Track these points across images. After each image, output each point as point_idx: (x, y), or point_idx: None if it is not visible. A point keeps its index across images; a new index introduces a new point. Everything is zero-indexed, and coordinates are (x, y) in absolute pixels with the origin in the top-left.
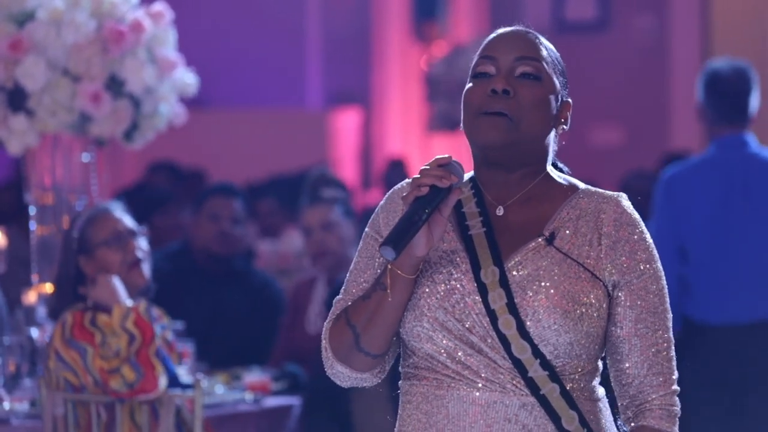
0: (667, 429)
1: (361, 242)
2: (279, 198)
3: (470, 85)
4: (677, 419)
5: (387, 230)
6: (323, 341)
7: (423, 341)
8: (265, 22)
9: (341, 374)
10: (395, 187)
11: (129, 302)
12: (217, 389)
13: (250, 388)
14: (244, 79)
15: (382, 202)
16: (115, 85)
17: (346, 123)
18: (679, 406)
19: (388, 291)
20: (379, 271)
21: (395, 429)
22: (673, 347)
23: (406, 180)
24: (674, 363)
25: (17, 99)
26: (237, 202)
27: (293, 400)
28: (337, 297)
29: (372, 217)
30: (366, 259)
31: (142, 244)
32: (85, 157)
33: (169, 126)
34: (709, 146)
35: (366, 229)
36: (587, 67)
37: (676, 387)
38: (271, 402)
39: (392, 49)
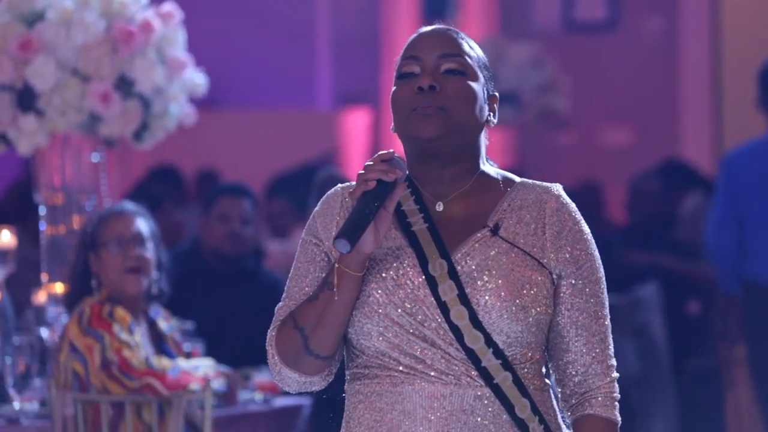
0: (611, 416)
1: (298, 249)
2: (288, 197)
3: (396, 87)
4: (618, 404)
5: (325, 233)
6: (269, 348)
7: (374, 338)
8: (275, 23)
9: (289, 379)
10: (329, 193)
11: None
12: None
13: (259, 388)
14: (254, 79)
15: (317, 208)
16: (124, 85)
17: (356, 123)
18: (619, 392)
19: (335, 290)
20: (320, 275)
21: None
22: (610, 336)
23: (340, 185)
24: (612, 351)
25: (27, 99)
26: (246, 202)
27: (303, 401)
28: (279, 304)
29: (308, 223)
30: (306, 264)
31: (149, 252)
32: (95, 157)
33: (179, 126)
34: (766, 131)
35: (303, 236)
36: (597, 67)
37: (616, 374)
38: (281, 402)
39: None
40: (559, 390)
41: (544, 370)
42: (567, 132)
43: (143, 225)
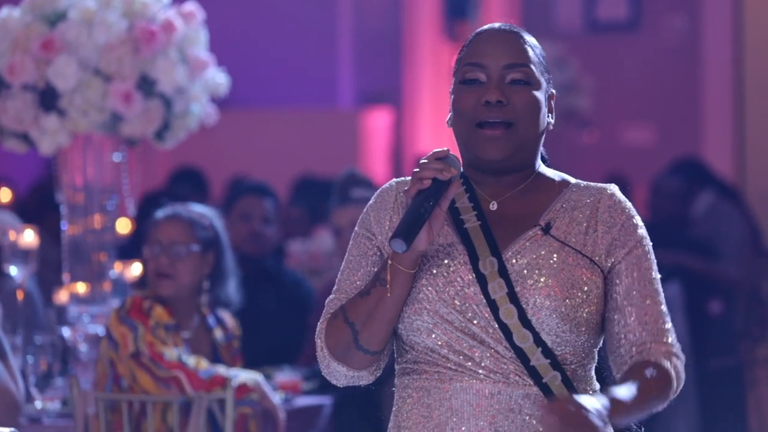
0: (667, 366)
1: (351, 241)
2: (309, 202)
3: (459, 93)
4: (679, 363)
5: (378, 227)
6: (318, 341)
7: (423, 335)
8: (296, 22)
9: (338, 373)
10: (383, 186)
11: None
12: None
13: (281, 387)
14: (275, 79)
15: (371, 202)
16: (146, 85)
17: (378, 123)
18: (681, 369)
19: (387, 287)
20: (372, 269)
21: (390, 426)
22: (669, 319)
23: (395, 179)
24: (674, 333)
25: (49, 99)
26: (268, 202)
27: (324, 400)
28: (330, 297)
29: (361, 216)
30: (358, 258)
31: (187, 258)
32: (117, 157)
33: (200, 126)
34: None
35: (356, 229)
36: (619, 66)
37: (679, 353)
38: (302, 401)
39: (423, 48)
40: (616, 372)
41: (593, 371)
42: (589, 131)
43: (190, 232)
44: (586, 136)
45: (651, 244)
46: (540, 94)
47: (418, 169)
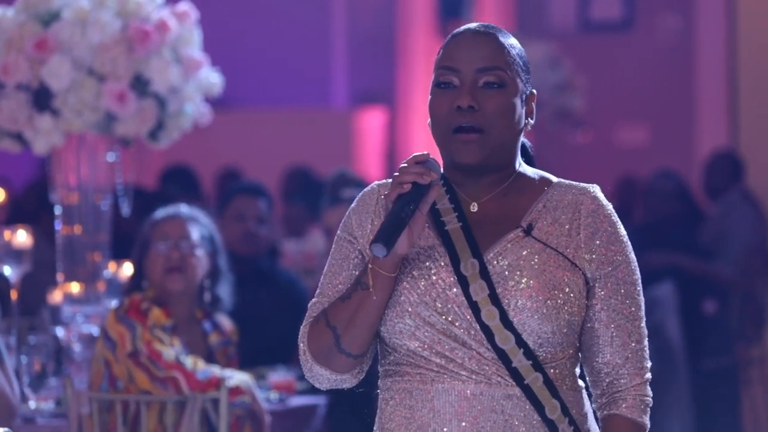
0: (638, 419)
1: (333, 245)
2: (306, 201)
3: (434, 96)
4: (649, 409)
5: (360, 231)
6: (301, 344)
7: (405, 338)
8: (291, 22)
9: (320, 376)
10: (365, 190)
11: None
12: None
13: (275, 387)
14: (269, 78)
15: (353, 205)
16: (140, 85)
17: (371, 122)
18: (651, 396)
19: (371, 290)
20: (354, 272)
21: (375, 428)
22: (646, 337)
23: (377, 182)
24: (647, 352)
25: (43, 99)
26: (262, 202)
27: (318, 400)
28: (313, 300)
29: (343, 220)
30: (340, 261)
31: (196, 255)
32: (110, 157)
33: (194, 126)
34: None
35: (338, 233)
36: (613, 66)
37: (648, 375)
38: (296, 401)
39: (417, 48)
40: (593, 390)
41: (577, 370)
42: (583, 131)
43: (194, 229)
44: (580, 136)
45: (633, 252)
46: (514, 97)
47: (398, 174)
